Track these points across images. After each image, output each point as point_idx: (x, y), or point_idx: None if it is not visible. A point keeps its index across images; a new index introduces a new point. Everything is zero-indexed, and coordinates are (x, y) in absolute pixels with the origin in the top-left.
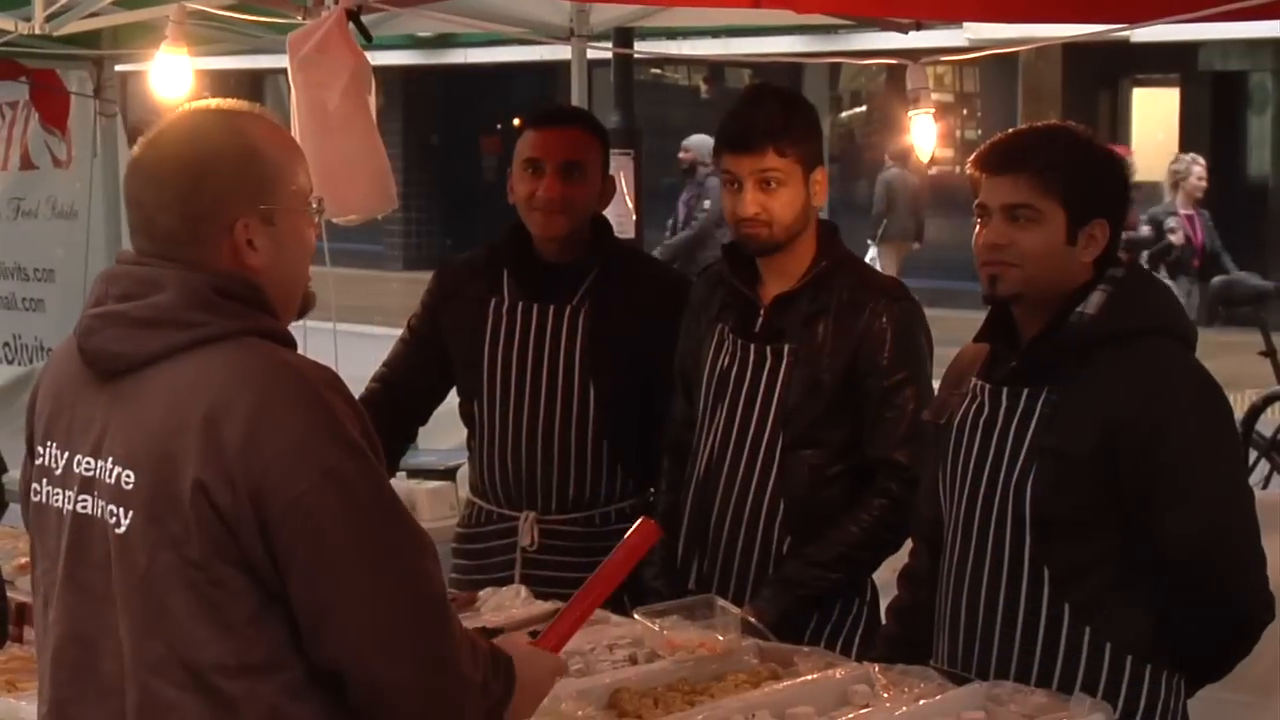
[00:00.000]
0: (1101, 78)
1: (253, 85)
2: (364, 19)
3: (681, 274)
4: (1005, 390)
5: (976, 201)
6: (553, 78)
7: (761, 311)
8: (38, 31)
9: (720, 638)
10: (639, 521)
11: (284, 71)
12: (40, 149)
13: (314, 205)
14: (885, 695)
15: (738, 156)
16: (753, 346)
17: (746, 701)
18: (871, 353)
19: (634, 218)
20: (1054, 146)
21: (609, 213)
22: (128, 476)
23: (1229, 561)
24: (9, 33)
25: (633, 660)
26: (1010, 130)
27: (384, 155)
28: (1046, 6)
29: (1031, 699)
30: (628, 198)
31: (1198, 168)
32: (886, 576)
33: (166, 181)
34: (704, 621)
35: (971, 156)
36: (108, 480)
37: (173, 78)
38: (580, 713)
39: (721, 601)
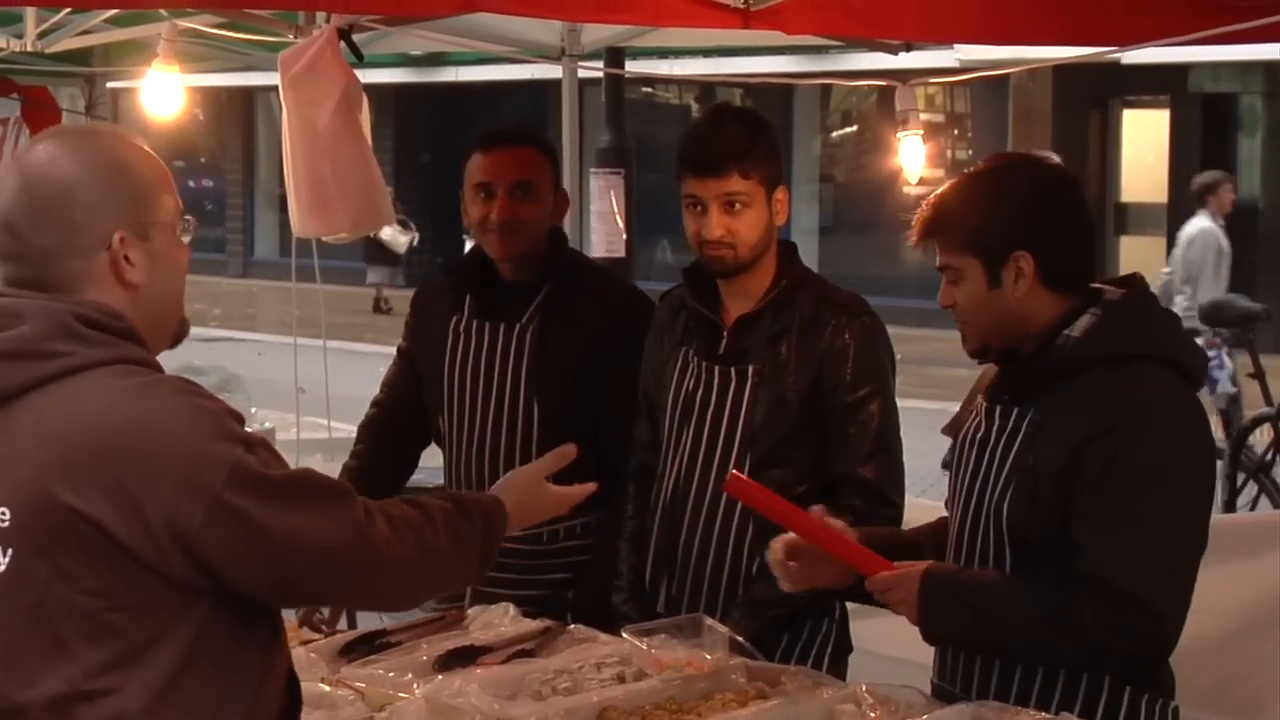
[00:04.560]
0: (1092, 99)
1: (244, 103)
2: (355, 37)
3: (633, 289)
4: (999, 409)
5: None
6: (544, 96)
7: (725, 333)
8: (30, 48)
9: (708, 656)
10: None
11: (275, 89)
12: None
13: (184, 224)
14: (872, 715)
15: (702, 179)
16: (717, 368)
17: None
18: (834, 369)
19: (624, 236)
20: (951, 201)
21: (599, 231)
22: (2, 514)
23: (1132, 574)
24: (1, 49)
25: (620, 679)
26: (925, 199)
27: (377, 172)
28: (1037, 28)
29: (1018, 719)
30: (619, 216)
31: None
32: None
33: (39, 199)
34: (692, 640)
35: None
36: None
37: (164, 95)
38: None
39: (709, 620)
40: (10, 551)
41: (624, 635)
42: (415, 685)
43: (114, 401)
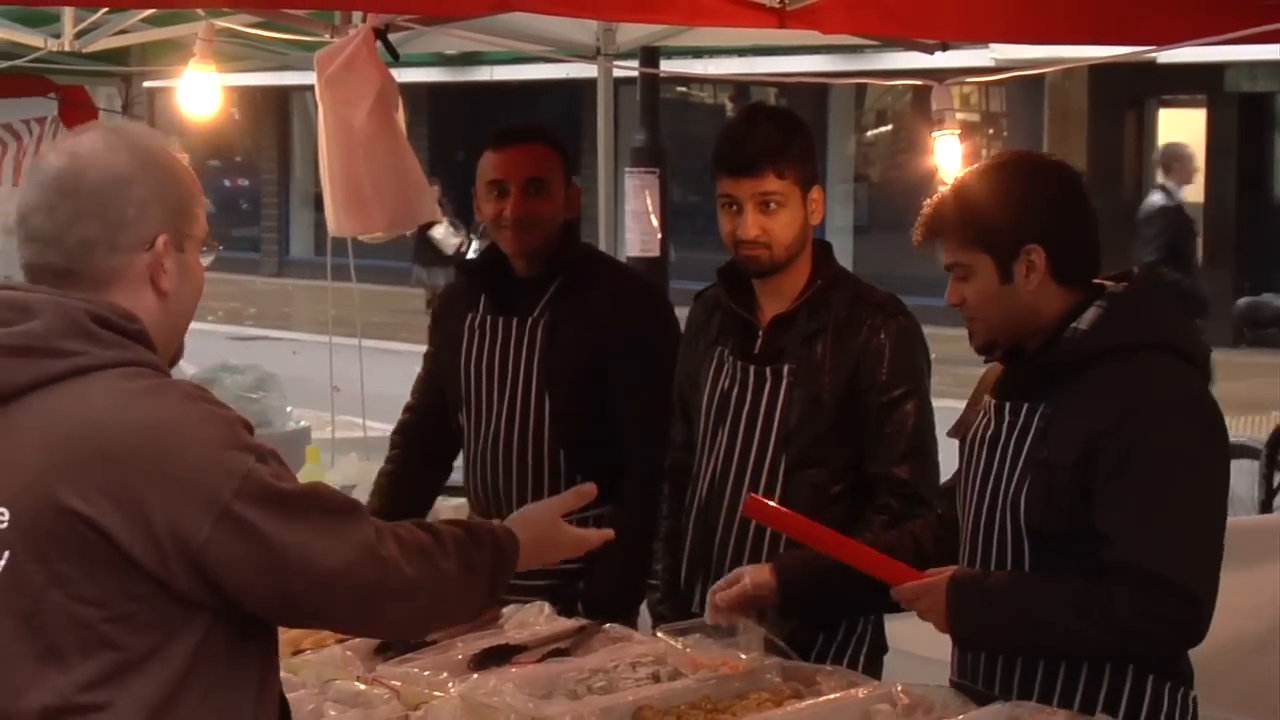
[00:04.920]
0: (1128, 98)
1: (279, 102)
2: (391, 37)
3: (645, 283)
4: (1008, 406)
5: None
6: (579, 95)
7: (760, 333)
8: (67, 48)
9: (743, 656)
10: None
11: (311, 88)
12: None
13: (208, 246)
14: (908, 715)
15: (737, 179)
16: (752, 368)
17: None
18: (870, 369)
19: (659, 235)
20: (961, 200)
21: (634, 230)
22: (1, 516)
23: (1165, 559)
24: (39, 49)
25: (655, 678)
26: (927, 200)
27: (416, 170)
28: (1073, 28)
29: (1054, 718)
30: (653, 215)
31: None
32: None
33: (90, 186)
34: (727, 640)
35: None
36: None
37: (200, 94)
38: None
39: (745, 620)
40: (7, 554)
41: (659, 635)
42: (450, 684)
43: (124, 405)
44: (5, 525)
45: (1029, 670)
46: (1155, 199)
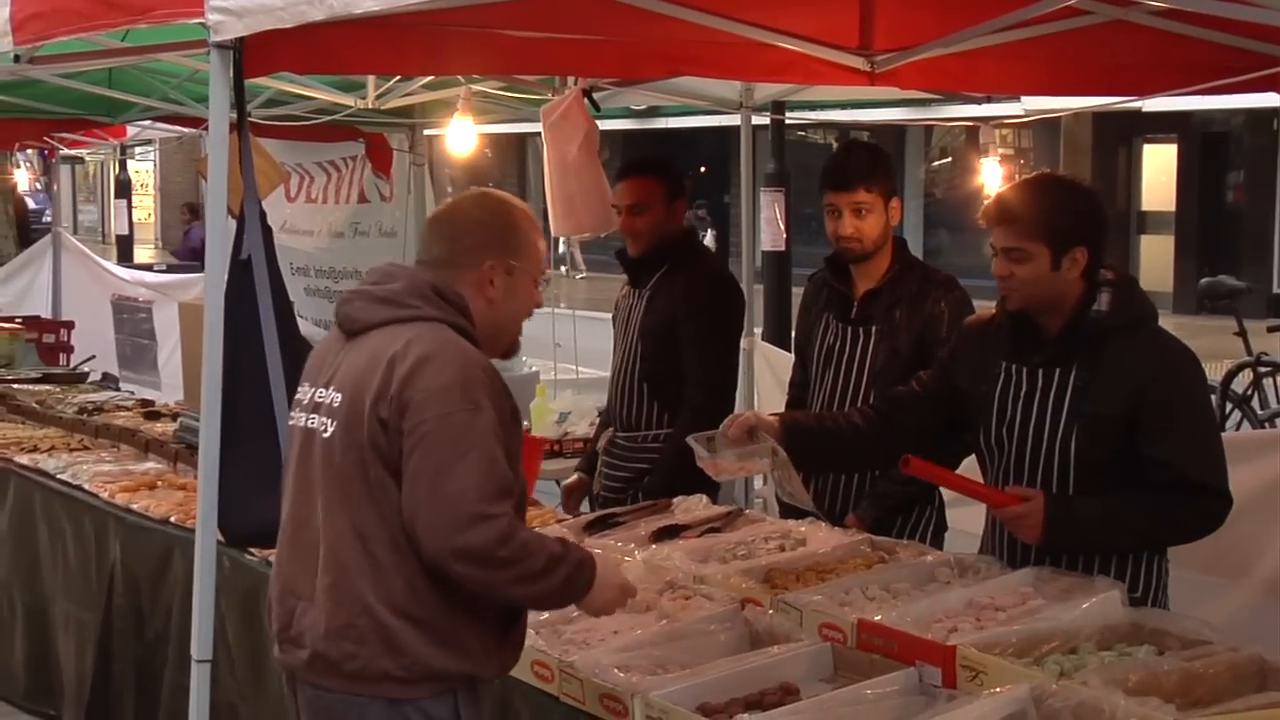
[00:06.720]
0: (1120, 136)
1: (517, 143)
2: (595, 95)
3: (720, 272)
4: (1041, 370)
5: (990, 241)
6: (728, 137)
7: (855, 303)
8: (370, 106)
9: (761, 459)
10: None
11: (539, 133)
12: (372, 188)
13: (544, 280)
14: (963, 575)
15: (838, 193)
16: (849, 328)
17: (863, 578)
18: (934, 328)
19: (784, 235)
20: (1034, 201)
21: (766, 232)
22: (336, 398)
23: (1207, 472)
24: (350, 107)
25: (782, 549)
26: (1002, 189)
27: (608, 192)
28: (1081, 84)
29: (1066, 579)
30: (780, 221)
31: None
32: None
33: (447, 225)
34: (748, 451)
35: (981, 211)
36: (326, 402)
37: (462, 138)
38: (744, 584)
39: (756, 441)
40: (334, 424)
41: (689, 441)
42: (636, 552)
43: (421, 341)
44: (338, 405)
45: (1036, 551)
46: None
